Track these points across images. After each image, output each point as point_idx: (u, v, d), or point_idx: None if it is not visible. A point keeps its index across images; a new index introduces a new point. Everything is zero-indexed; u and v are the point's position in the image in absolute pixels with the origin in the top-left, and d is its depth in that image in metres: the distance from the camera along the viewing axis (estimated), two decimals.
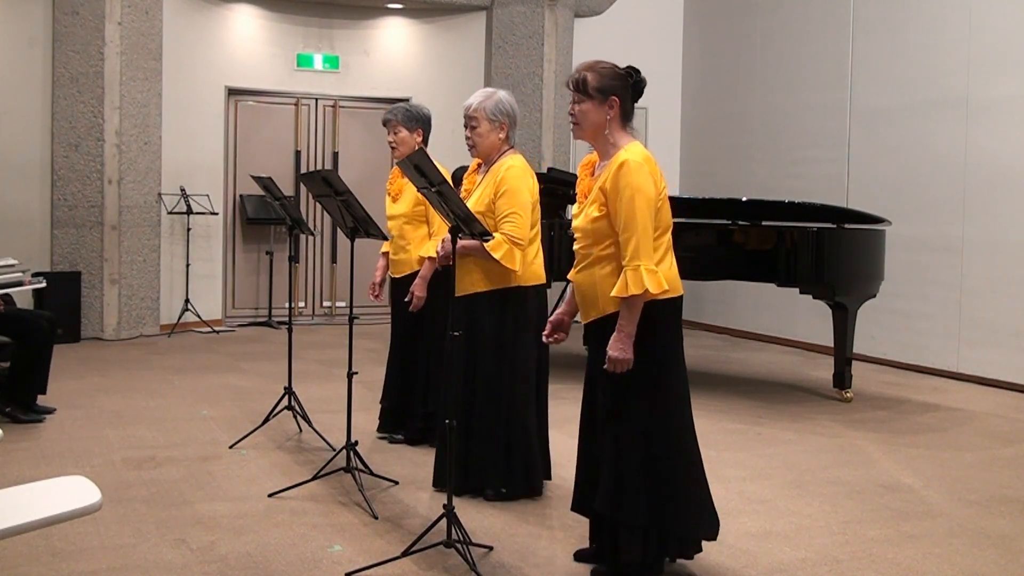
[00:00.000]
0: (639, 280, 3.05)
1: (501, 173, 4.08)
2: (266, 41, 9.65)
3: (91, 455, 4.80)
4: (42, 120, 8.38)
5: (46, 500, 2.53)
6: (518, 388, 4.13)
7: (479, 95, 4.24)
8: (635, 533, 3.19)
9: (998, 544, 3.81)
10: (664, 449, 3.20)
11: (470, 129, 4.20)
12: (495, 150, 4.19)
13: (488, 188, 4.11)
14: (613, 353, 3.10)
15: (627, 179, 3.08)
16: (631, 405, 3.19)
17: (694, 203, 7.03)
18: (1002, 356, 7.12)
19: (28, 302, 7.52)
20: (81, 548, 3.54)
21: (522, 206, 4.04)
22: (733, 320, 9.76)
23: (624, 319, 3.10)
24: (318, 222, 9.77)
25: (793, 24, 9.09)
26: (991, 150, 7.21)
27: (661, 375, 3.20)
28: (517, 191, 4.04)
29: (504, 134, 4.18)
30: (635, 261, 3.07)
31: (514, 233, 4.01)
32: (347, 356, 4.47)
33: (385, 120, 5.06)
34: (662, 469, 3.19)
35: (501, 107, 4.17)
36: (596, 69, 3.23)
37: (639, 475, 3.17)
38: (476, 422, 4.13)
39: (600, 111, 3.21)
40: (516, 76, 9.66)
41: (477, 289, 4.10)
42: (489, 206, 4.06)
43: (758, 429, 5.69)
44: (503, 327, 4.10)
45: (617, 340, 3.11)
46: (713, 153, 10.09)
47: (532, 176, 4.17)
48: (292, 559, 3.48)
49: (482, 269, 4.07)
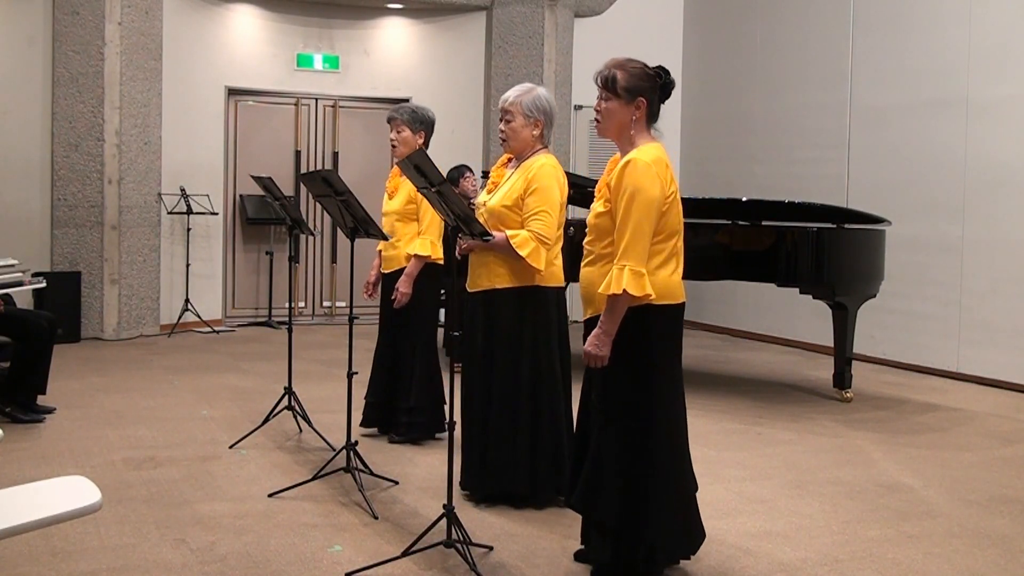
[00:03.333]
0: (620, 280, 3.02)
1: (533, 170, 4.02)
2: (266, 41, 9.65)
3: (91, 455, 4.80)
4: (42, 120, 8.38)
5: (46, 500, 2.53)
6: (543, 389, 4.05)
7: (517, 89, 4.15)
8: (606, 534, 3.17)
9: (998, 544, 3.81)
10: (644, 453, 3.15)
11: (504, 123, 4.12)
12: (528, 146, 4.12)
13: (518, 183, 4.04)
14: (588, 348, 3.10)
15: (630, 177, 3.05)
16: (617, 407, 3.17)
17: (694, 203, 7.02)
18: (1002, 356, 7.11)
19: (28, 302, 7.52)
20: (81, 548, 3.54)
21: (551, 205, 4.00)
22: (733, 320, 9.75)
23: (605, 316, 3.08)
24: (318, 222, 9.77)
25: (793, 24, 9.09)
26: (991, 150, 7.21)
27: (652, 381, 3.16)
28: (548, 189, 4.00)
29: (539, 131, 4.11)
30: (622, 260, 3.04)
31: (542, 231, 3.95)
32: (347, 356, 4.47)
33: (390, 118, 5.08)
34: (639, 473, 3.14)
35: (538, 103, 4.10)
36: (626, 68, 3.17)
37: (615, 475, 3.15)
38: (494, 424, 4.05)
39: (626, 111, 3.17)
40: (516, 76, 9.65)
41: (496, 285, 4.03)
42: (517, 202, 4.00)
43: (758, 429, 5.69)
44: (522, 326, 4.03)
45: (594, 336, 3.10)
46: (713, 153, 10.09)
47: (563, 176, 4.12)
48: (292, 559, 3.48)
49: (507, 266, 4.00)
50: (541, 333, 4.05)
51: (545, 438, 4.05)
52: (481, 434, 4.07)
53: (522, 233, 3.94)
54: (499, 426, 4.05)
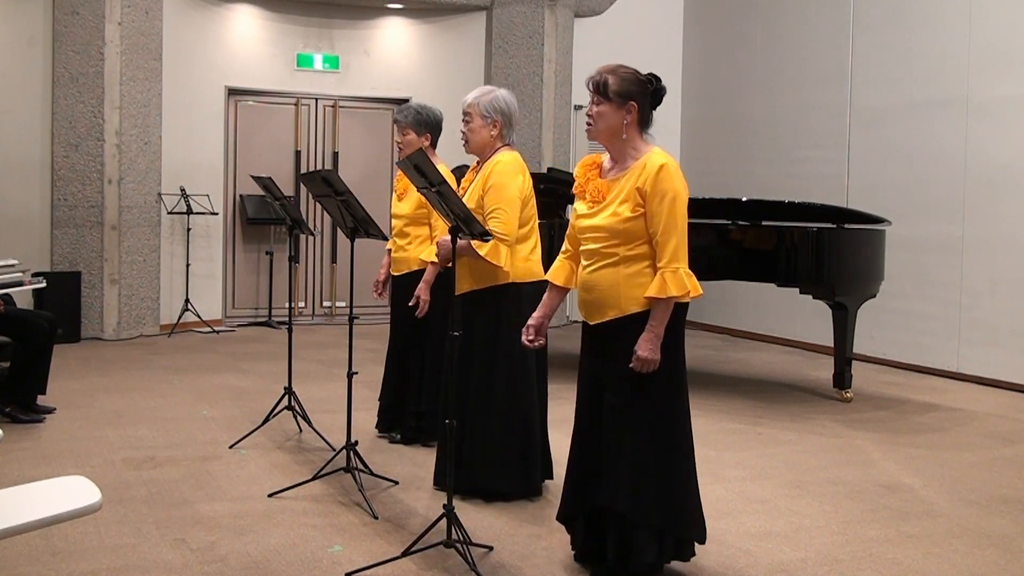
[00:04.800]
0: (680, 282, 3.09)
1: (490, 169, 4.10)
2: (266, 41, 9.65)
3: (91, 455, 4.80)
4: (42, 120, 8.38)
5: (46, 500, 2.53)
6: (515, 386, 4.11)
7: (477, 91, 4.25)
8: (651, 534, 3.19)
9: (998, 544, 3.81)
10: (677, 451, 3.23)
11: (464, 124, 4.22)
12: (487, 147, 4.19)
13: (478, 184, 4.12)
14: (643, 353, 3.11)
15: (669, 182, 3.12)
16: (650, 406, 3.20)
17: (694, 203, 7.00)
18: (1002, 356, 7.12)
19: (28, 302, 7.52)
20: (81, 548, 3.54)
21: (507, 202, 4.02)
22: (733, 320, 9.75)
23: (656, 320, 3.12)
24: (318, 222, 9.77)
25: (793, 24, 9.09)
26: (991, 150, 7.21)
27: (675, 375, 3.23)
28: (503, 187, 4.03)
29: (496, 131, 4.17)
30: (675, 263, 3.11)
31: (498, 229, 3.99)
32: (347, 356, 4.47)
33: (395, 121, 5.10)
34: (676, 471, 3.22)
35: (496, 104, 4.16)
36: (618, 73, 3.23)
37: (655, 476, 3.19)
38: (471, 421, 4.12)
39: (617, 115, 3.21)
40: (516, 76, 9.66)
41: (473, 287, 4.12)
42: (479, 202, 4.06)
43: (758, 429, 5.69)
44: (497, 325, 4.08)
45: (647, 340, 3.12)
46: (713, 153, 10.09)
47: (523, 172, 4.15)
48: (292, 559, 3.48)
49: (469, 268, 4.08)
50: (514, 330, 4.07)
51: (517, 435, 4.11)
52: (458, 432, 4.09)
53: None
54: (474, 424, 4.11)
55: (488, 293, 4.10)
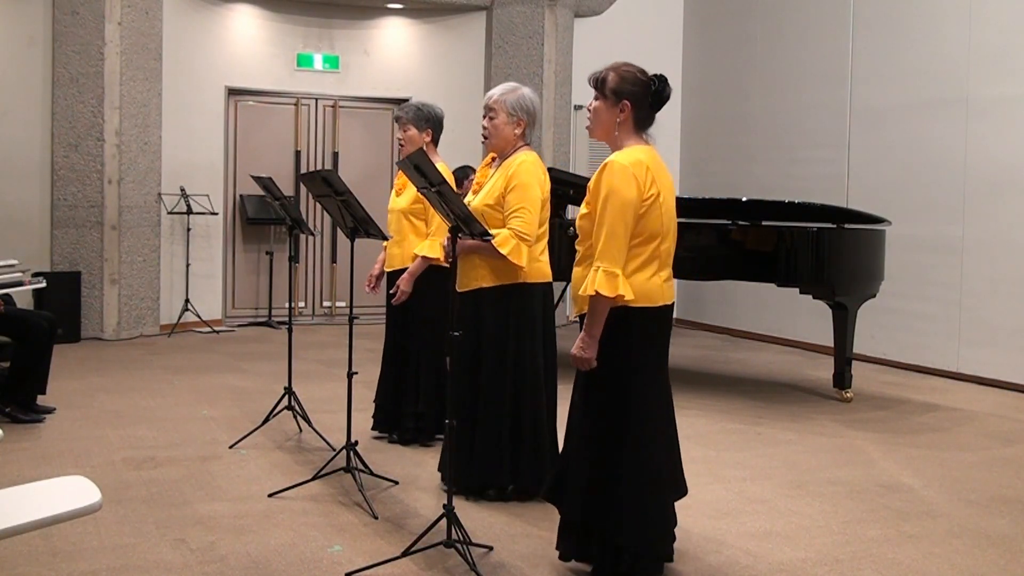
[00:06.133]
0: (593, 281, 3.04)
1: (513, 168, 4.05)
2: (266, 41, 9.66)
3: (91, 455, 4.80)
4: (42, 120, 8.38)
5: (46, 500, 2.53)
6: (524, 384, 4.09)
7: (502, 88, 4.20)
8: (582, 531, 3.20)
9: (998, 544, 3.81)
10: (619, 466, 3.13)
11: (488, 120, 4.16)
12: (509, 144, 4.15)
13: (499, 182, 4.07)
14: (574, 351, 3.12)
15: (607, 180, 3.08)
16: (593, 408, 3.19)
17: (694, 203, 7.03)
18: (1002, 356, 7.12)
19: (28, 302, 7.52)
20: (81, 548, 3.53)
21: (532, 202, 4.01)
22: (733, 320, 9.75)
23: (588, 318, 3.10)
24: (318, 222, 9.77)
25: (793, 24, 9.09)
26: (991, 150, 7.21)
27: (631, 383, 3.15)
28: (528, 186, 4.02)
29: (520, 130, 4.14)
30: (597, 261, 3.06)
31: (522, 229, 3.98)
32: (347, 356, 4.47)
33: (396, 117, 5.10)
34: (605, 475, 3.14)
35: (522, 103, 4.14)
36: (619, 70, 3.20)
37: (580, 475, 3.18)
38: (481, 419, 4.10)
39: (611, 112, 3.20)
40: (516, 76, 9.64)
41: (482, 285, 4.08)
42: (499, 200, 4.04)
43: (758, 429, 5.69)
44: (507, 323, 4.07)
45: (579, 339, 3.12)
46: (713, 153, 10.09)
47: (544, 173, 4.14)
48: (292, 559, 3.48)
49: (488, 265, 4.05)
50: (525, 330, 4.09)
51: (526, 433, 4.09)
52: (469, 430, 4.10)
53: (503, 231, 3.96)
54: (485, 422, 4.09)
55: (499, 291, 4.07)
